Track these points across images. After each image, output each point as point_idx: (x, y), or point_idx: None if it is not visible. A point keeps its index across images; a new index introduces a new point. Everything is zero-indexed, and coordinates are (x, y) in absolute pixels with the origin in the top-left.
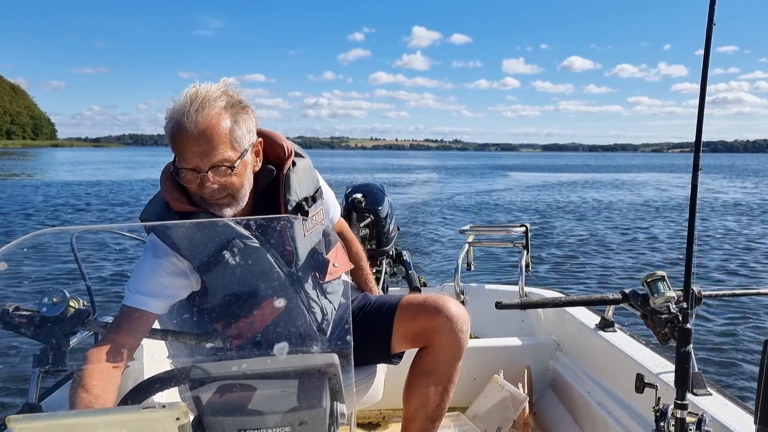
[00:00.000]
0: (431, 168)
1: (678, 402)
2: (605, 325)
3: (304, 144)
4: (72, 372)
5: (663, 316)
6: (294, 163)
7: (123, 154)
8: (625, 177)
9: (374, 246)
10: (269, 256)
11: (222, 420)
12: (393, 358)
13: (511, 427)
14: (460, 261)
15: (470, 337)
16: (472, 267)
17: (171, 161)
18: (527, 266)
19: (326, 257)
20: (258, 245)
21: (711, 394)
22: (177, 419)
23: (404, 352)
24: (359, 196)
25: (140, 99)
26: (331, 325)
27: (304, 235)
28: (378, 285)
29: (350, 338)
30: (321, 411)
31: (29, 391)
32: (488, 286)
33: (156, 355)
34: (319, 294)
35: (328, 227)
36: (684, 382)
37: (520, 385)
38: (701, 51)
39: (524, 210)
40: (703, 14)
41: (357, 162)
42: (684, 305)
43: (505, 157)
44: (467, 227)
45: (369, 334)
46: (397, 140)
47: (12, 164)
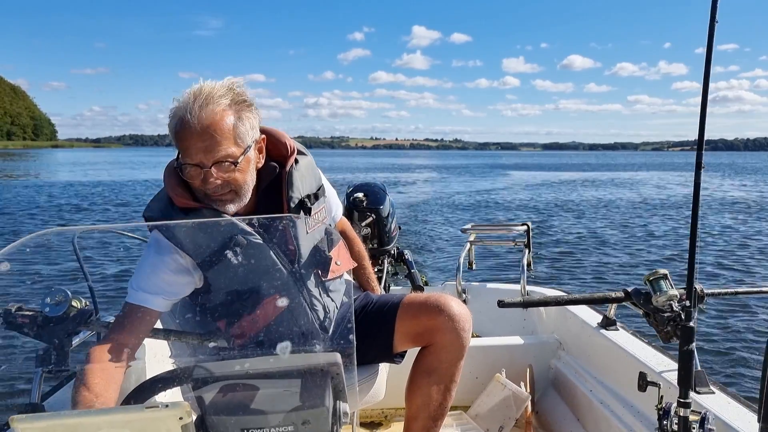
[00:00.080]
0: (432, 167)
1: (681, 400)
2: (607, 324)
3: (305, 144)
4: (74, 372)
5: (665, 315)
6: (297, 161)
7: (123, 155)
8: (626, 175)
9: (376, 245)
10: (272, 254)
11: (225, 419)
12: (395, 357)
13: (514, 426)
14: (462, 260)
15: (472, 336)
16: (474, 266)
17: (175, 158)
18: (529, 265)
19: (329, 255)
20: (261, 242)
21: (714, 393)
22: (180, 419)
23: (406, 351)
24: (361, 195)
25: (140, 99)
26: (334, 324)
27: (307, 233)
28: (380, 284)
29: (353, 337)
30: (324, 410)
31: (32, 391)
32: (490, 285)
33: (158, 355)
34: (322, 292)
35: (331, 225)
36: (687, 381)
37: (523, 384)
38: (701, 49)
39: (525, 209)
40: (704, 12)
41: (357, 162)
42: (687, 303)
43: (506, 156)
44: (469, 226)
45: (371, 333)
46: (398, 140)
47: (13, 165)
